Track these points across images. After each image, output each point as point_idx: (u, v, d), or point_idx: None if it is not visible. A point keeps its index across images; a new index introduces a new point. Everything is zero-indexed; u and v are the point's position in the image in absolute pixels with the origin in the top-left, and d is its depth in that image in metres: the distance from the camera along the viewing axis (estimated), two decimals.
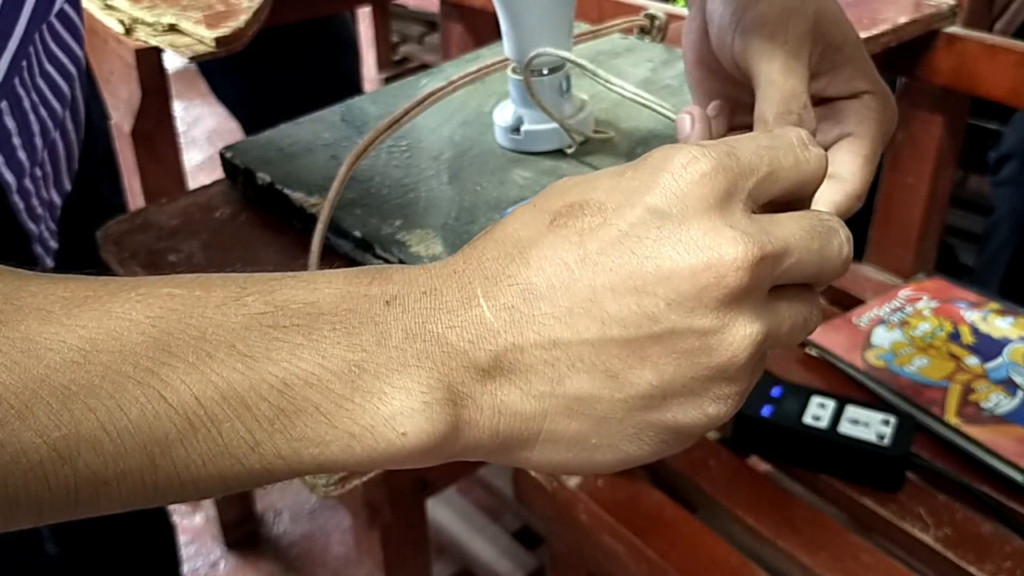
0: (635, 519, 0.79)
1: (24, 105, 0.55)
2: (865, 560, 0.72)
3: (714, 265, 0.27)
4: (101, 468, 0.25)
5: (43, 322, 0.25)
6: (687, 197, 0.28)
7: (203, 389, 0.25)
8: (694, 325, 0.27)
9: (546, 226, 0.28)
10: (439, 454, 0.28)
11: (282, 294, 0.27)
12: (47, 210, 0.61)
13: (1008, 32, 1.15)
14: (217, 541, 1.40)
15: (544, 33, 0.56)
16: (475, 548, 1.16)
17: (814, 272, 0.29)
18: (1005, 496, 0.73)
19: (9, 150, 0.55)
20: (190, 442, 0.25)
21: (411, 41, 2.55)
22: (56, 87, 0.58)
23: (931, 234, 1.07)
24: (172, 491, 0.26)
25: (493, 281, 0.28)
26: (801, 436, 0.76)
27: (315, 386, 0.26)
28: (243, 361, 0.26)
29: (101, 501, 0.26)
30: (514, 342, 0.27)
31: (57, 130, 0.60)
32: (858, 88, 0.45)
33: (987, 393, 0.79)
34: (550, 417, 0.28)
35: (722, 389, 0.28)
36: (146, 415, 0.25)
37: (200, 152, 2.47)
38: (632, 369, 0.27)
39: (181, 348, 0.25)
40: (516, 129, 0.59)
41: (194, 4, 0.88)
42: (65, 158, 0.62)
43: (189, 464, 0.26)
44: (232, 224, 0.56)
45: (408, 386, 0.27)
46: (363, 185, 0.55)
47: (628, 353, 0.27)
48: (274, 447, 0.26)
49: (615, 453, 0.29)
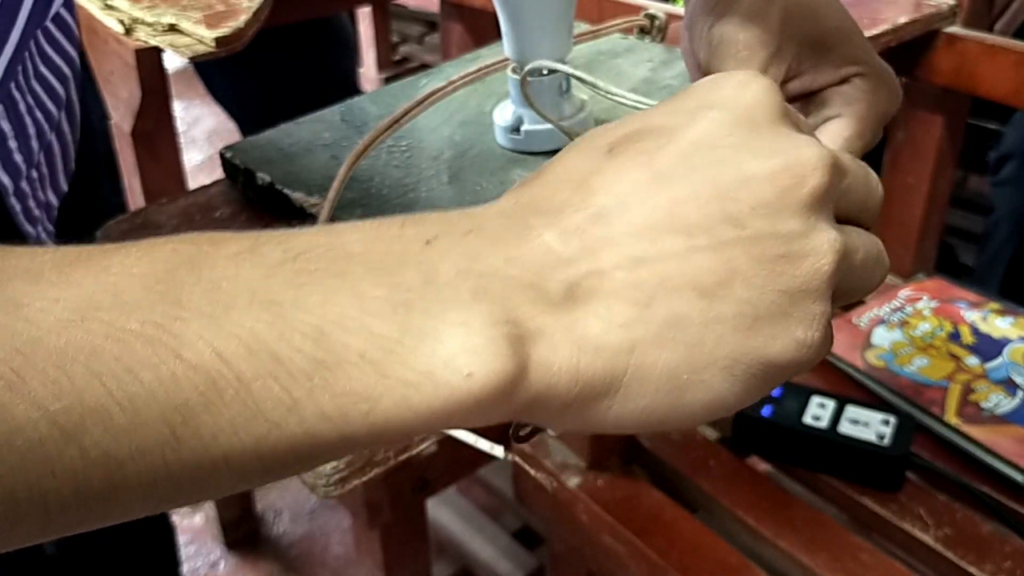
0: (635, 519, 0.79)
1: (20, 108, 0.55)
2: (865, 560, 0.72)
3: (792, 166, 0.26)
4: (113, 446, 0.21)
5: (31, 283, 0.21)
6: (752, 106, 0.27)
7: (225, 343, 0.21)
8: (779, 229, 0.25)
9: (605, 155, 0.27)
10: (508, 404, 0.24)
11: (301, 241, 0.24)
12: (44, 211, 0.61)
13: (1008, 32, 1.15)
14: (217, 541, 1.40)
15: (544, 33, 0.56)
16: (475, 548, 1.17)
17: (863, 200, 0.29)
18: (1005, 496, 0.73)
19: (5, 153, 0.55)
20: (216, 407, 0.21)
21: (411, 41, 2.55)
22: (51, 89, 0.58)
23: (931, 234, 1.07)
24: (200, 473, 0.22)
25: (554, 213, 0.25)
26: (801, 436, 0.77)
27: (356, 331, 0.22)
28: (268, 309, 0.22)
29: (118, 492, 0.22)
30: (590, 267, 0.24)
31: (53, 132, 0.60)
32: (847, 72, 0.45)
33: (987, 393, 0.79)
34: (638, 349, 0.25)
35: (809, 307, 0.26)
36: (161, 378, 0.21)
37: (200, 152, 2.47)
38: (722, 285, 0.25)
39: (193, 300, 0.22)
40: (516, 129, 0.59)
41: (194, 4, 0.88)
42: (61, 159, 0.62)
43: (218, 434, 0.22)
44: (232, 224, 0.56)
45: (468, 321, 0.23)
46: (363, 185, 0.55)
47: (717, 265, 0.25)
48: (316, 406, 0.22)
49: (706, 392, 0.26)
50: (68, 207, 0.63)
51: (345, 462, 0.53)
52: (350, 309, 0.22)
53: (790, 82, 0.44)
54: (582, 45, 0.73)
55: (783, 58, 0.43)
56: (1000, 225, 1.27)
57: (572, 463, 0.85)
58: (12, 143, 0.55)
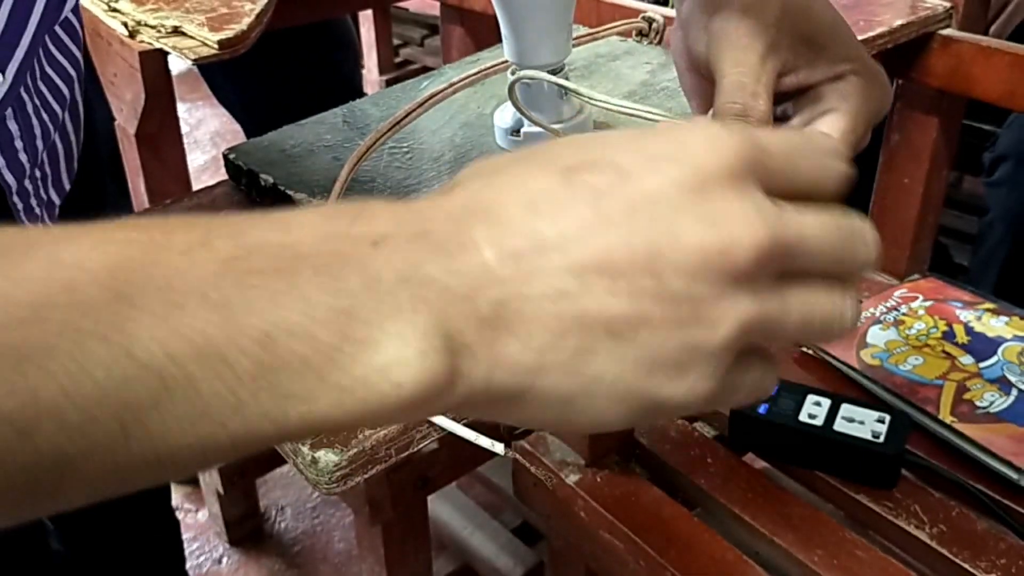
0: (633, 516, 0.79)
1: (27, 109, 0.56)
2: (861, 557, 0.73)
3: (724, 241, 0.27)
4: (66, 443, 0.21)
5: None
6: (708, 171, 0.28)
7: (176, 344, 0.22)
8: (693, 292, 0.27)
9: (561, 177, 0.28)
10: (431, 407, 0.26)
11: (254, 235, 0.25)
12: (45, 209, 0.62)
13: (1003, 34, 1.16)
14: (221, 537, 1.41)
15: (544, 36, 0.57)
16: (475, 544, 1.17)
17: (833, 267, 0.30)
18: (1000, 494, 0.74)
19: (11, 153, 0.56)
20: (166, 406, 0.22)
21: (412, 44, 2.56)
22: (57, 90, 0.59)
23: (926, 234, 1.08)
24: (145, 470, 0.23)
25: (498, 230, 0.27)
26: (797, 434, 0.77)
27: (300, 337, 0.24)
28: (218, 312, 0.23)
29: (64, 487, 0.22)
30: (520, 292, 0.26)
31: (57, 132, 0.61)
32: (841, 70, 0.45)
33: (981, 392, 0.80)
34: (545, 373, 0.27)
35: (704, 364, 0.28)
36: (113, 376, 0.21)
37: (204, 154, 2.48)
38: (631, 329, 0.27)
39: (146, 299, 0.22)
40: (516, 131, 0.59)
41: (198, 7, 0.89)
42: (64, 159, 0.63)
43: (166, 433, 0.22)
44: None
45: (403, 332, 0.25)
46: (365, 186, 0.56)
47: (631, 311, 0.27)
48: (259, 407, 0.23)
49: (595, 414, 0.28)
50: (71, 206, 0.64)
51: (347, 459, 0.54)
52: (296, 315, 0.24)
53: (786, 76, 0.45)
54: (581, 48, 0.74)
55: (780, 51, 0.44)
56: (994, 226, 1.28)
57: (571, 460, 0.86)
58: (18, 143, 0.56)
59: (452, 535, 1.19)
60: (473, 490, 1.27)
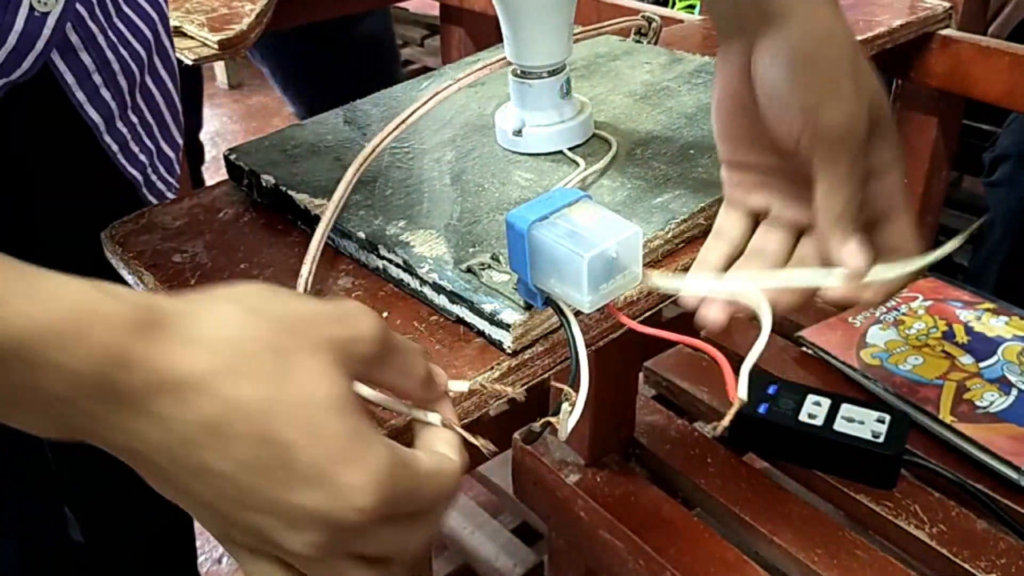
0: (633, 516, 0.79)
1: (99, 41, 0.56)
2: (860, 556, 0.73)
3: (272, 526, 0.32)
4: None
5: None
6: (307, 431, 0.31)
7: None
8: (249, 521, 0.32)
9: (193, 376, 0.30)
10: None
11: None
12: (154, 159, 0.64)
13: (1002, 35, 1.16)
14: None
15: (544, 36, 0.57)
16: (475, 544, 1.17)
17: (398, 550, 0.35)
18: (999, 493, 0.74)
19: (90, 87, 0.57)
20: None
21: (412, 44, 2.56)
22: (136, 29, 0.59)
23: (925, 234, 1.08)
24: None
25: (130, 406, 0.29)
26: (797, 434, 0.77)
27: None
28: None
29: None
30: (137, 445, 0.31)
31: (147, 74, 0.62)
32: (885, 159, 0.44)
33: (981, 392, 0.80)
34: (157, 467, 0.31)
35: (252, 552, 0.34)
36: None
37: (204, 154, 2.48)
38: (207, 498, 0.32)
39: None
40: (518, 131, 0.59)
41: (198, 7, 0.89)
42: (167, 107, 0.64)
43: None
44: (236, 225, 0.57)
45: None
46: (366, 186, 0.56)
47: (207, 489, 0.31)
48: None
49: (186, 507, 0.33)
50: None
51: None
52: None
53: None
54: (581, 48, 0.74)
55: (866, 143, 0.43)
56: (994, 226, 1.28)
57: (571, 460, 0.86)
58: (96, 78, 0.57)
59: (452, 535, 1.19)
60: (473, 490, 1.28)
